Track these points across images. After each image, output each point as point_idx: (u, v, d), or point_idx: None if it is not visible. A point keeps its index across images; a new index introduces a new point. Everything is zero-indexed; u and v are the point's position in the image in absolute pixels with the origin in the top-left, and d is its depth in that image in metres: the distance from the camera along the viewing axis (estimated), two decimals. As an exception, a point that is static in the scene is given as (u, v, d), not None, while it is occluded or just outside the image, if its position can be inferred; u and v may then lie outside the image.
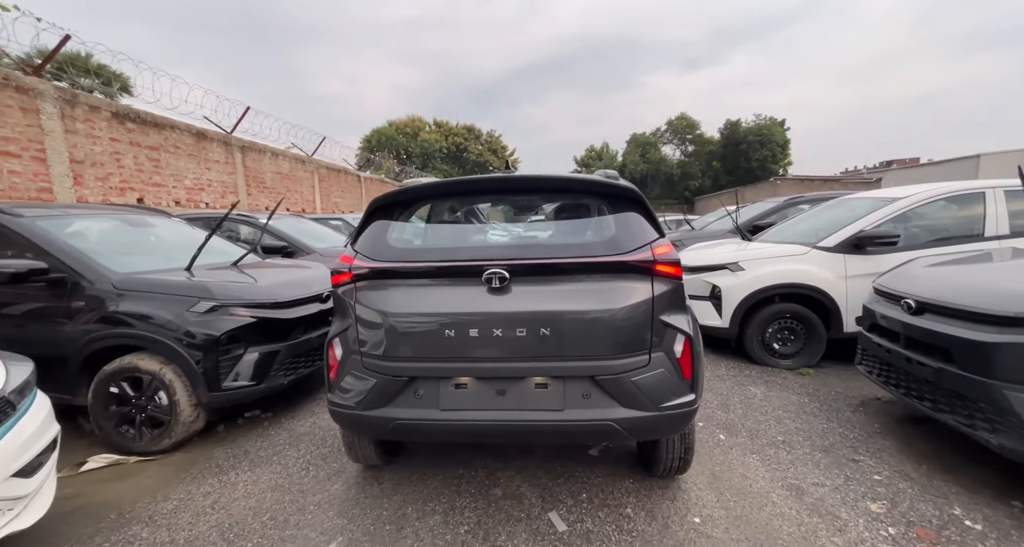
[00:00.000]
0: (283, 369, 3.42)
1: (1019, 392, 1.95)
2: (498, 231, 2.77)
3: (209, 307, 3.13)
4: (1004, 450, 2.03)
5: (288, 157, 12.16)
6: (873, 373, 2.91)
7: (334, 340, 2.22)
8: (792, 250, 4.39)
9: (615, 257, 2.02)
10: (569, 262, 2.04)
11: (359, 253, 2.22)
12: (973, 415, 2.14)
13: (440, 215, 2.79)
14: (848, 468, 2.51)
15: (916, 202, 4.05)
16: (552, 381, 2.03)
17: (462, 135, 48.55)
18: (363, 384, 2.13)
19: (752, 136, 45.09)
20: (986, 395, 2.05)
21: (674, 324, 2.03)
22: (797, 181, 29.84)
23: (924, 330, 2.38)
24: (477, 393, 2.08)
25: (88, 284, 3.11)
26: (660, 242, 2.10)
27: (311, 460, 2.87)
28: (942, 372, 2.25)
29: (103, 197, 6.93)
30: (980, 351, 2.07)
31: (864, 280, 3.98)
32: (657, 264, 2.01)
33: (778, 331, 4.33)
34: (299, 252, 6.12)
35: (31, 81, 5.94)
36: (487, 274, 2.01)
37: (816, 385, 3.80)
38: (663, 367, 2.00)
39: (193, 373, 3.02)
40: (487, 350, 2.02)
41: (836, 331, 4.13)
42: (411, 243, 2.35)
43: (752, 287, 4.29)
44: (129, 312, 3.06)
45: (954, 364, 2.21)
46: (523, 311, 1.99)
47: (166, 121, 8.15)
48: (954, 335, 2.19)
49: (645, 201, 2.20)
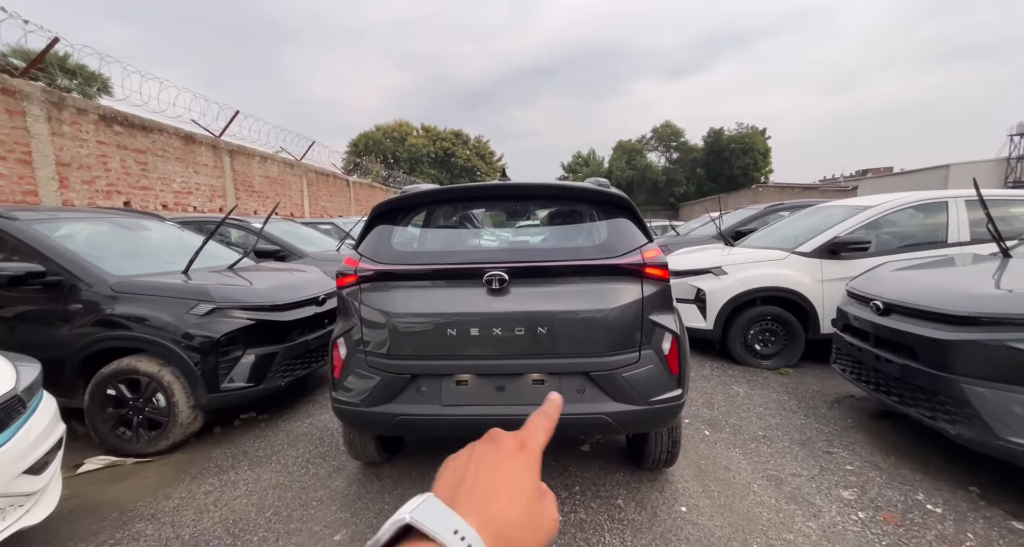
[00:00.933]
0: (280, 371, 3.47)
1: (974, 386, 2.13)
2: (496, 235, 2.89)
3: (208, 309, 3.18)
4: (961, 439, 2.21)
5: (277, 161, 12.12)
6: (846, 371, 3.10)
7: (339, 340, 2.31)
8: (772, 255, 4.60)
9: (607, 260, 2.16)
10: (564, 265, 2.17)
11: (363, 256, 2.32)
12: (935, 408, 2.32)
13: (438, 220, 2.90)
14: (823, 460, 2.68)
15: (886, 210, 4.30)
16: (548, 377, 2.16)
17: (450, 140, 48.62)
18: (367, 382, 2.22)
19: (735, 144, 46.16)
20: (946, 389, 2.24)
21: (662, 323, 2.17)
22: (778, 188, 30.63)
23: (891, 329, 2.57)
24: (477, 389, 2.18)
25: (86, 287, 3.14)
26: (649, 246, 2.24)
27: (310, 459, 2.94)
28: (907, 368, 2.44)
29: (89, 200, 6.86)
30: (940, 348, 2.25)
31: (839, 284, 4.19)
32: (646, 267, 2.15)
33: (759, 333, 4.52)
34: (291, 256, 6.15)
35: (18, 83, 5.89)
36: (487, 276, 2.13)
37: (795, 384, 3.98)
38: (652, 363, 2.14)
39: (192, 374, 3.06)
40: (487, 348, 2.14)
41: (814, 332, 4.34)
42: (413, 246, 2.46)
43: (735, 290, 4.48)
44: (128, 315, 3.10)
45: (917, 361, 2.39)
46: (521, 311, 2.11)
47: (154, 124, 8.10)
48: (917, 334, 2.38)
49: (635, 208, 2.35)
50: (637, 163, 49.89)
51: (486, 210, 3.89)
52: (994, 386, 2.05)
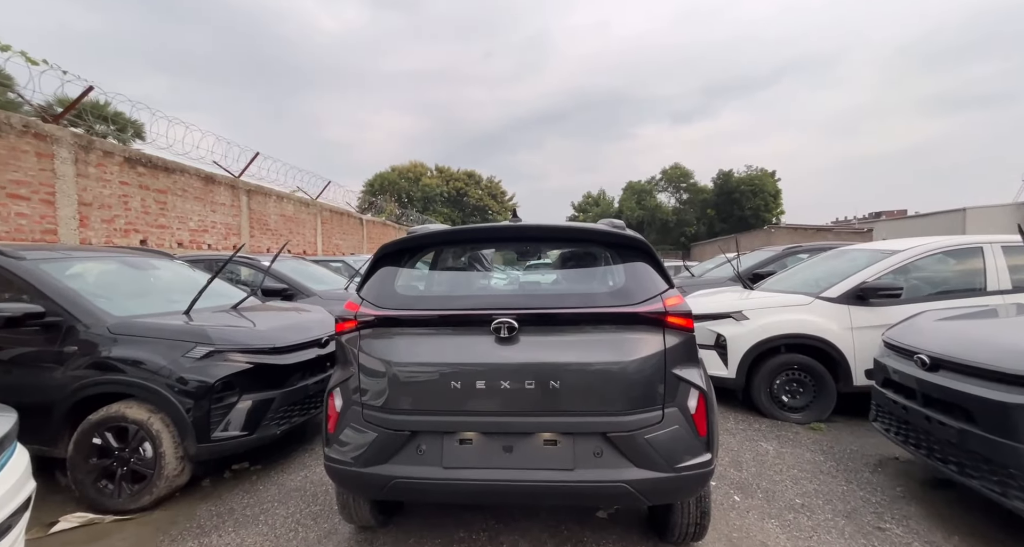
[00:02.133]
0: (277, 418, 3.28)
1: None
2: (506, 279, 2.77)
3: (205, 352, 3.05)
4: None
5: (292, 200, 12.40)
6: (891, 431, 2.81)
7: (335, 390, 2.15)
8: (796, 300, 4.38)
9: (626, 308, 2.00)
10: (578, 312, 2.02)
11: (365, 300, 2.19)
12: (1005, 482, 2.03)
13: (446, 261, 2.79)
14: (875, 538, 2.35)
15: (916, 255, 4.10)
16: (562, 437, 1.95)
17: (463, 180, 49.92)
18: (362, 438, 2.03)
19: (744, 186, 46.60)
20: (1016, 460, 1.96)
21: (687, 378, 1.97)
22: (791, 230, 30.51)
23: (941, 388, 2.32)
24: (483, 449, 1.98)
25: (83, 328, 3.04)
26: (670, 293, 2.08)
27: (300, 520, 2.69)
28: (966, 434, 2.17)
29: (107, 239, 6.97)
30: (1005, 413, 2.00)
31: (871, 332, 3.95)
32: (668, 315, 1.98)
33: (786, 383, 4.23)
34: (299, 295, 6.08)
35: (50, 128, 6.15)
36: (495, 323, 1.98)
37: (829, 441, 3.65)
38: (677, 423, 1.93)
39: (183, 422, 2.88)
40: (494, 403, 1.95)
41: (846, 384, 4.04)
42: (417, 290, 2.34)
43: (757, 337, 4.24)
44: (122, 357, 2.97)
45: (977, 425, 2.13)
46: (532, 362, 1.94)
47: (176, 165, 8.37)
48: (975, 394, 2.13)
49: (653, 251, 2.21)
50: (647, 203, 50.43)
51: (496, 250, 3.80)
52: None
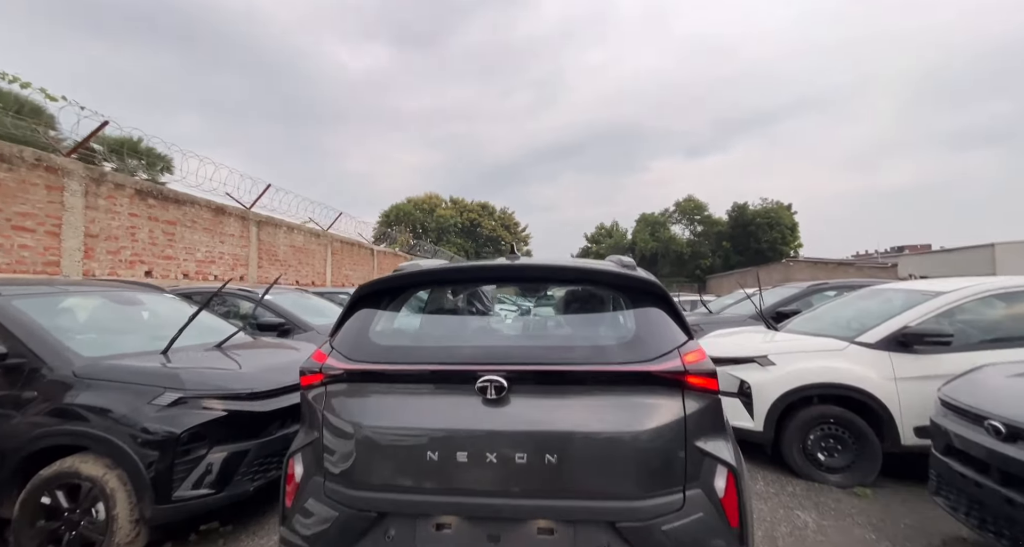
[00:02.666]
0: (251, 472, 2.95)
1: None
2: (499, 324, 2.47)
3: (174, 399, 2.77)
4: None
5: (303, 231, 12.43)
6: (959, 510, 2.35)
7: (295, 455, 1.84)
8: (828, 344, 3.97)
9: (637, 366, 1.68)
10: (581, 370, 1.70)
11: (335, 350, 1.92)
12: None
13: (436, 302, 2.52)
14: None
15: (964, 297, 3.69)
16: (560, 526, 1.59)
17: (476, 211, 50.56)
18: (322, 517, 1.71)
19: (760, 218, 46.11)
20: None
21: (713, 452, 1.62)
22: (810, 263, 29.78)
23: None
24: (463, 538, 1.63)
25: (48, 371, 2.81)
26: (689, 346, 1.76)
27: (261, 603, 2.32)
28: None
29: (111, 270, 6.91)
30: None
31: (918, 383, 3.51)
32: (688, 375, 1.66)
33: (822, 438, 3.76)
34: (296, 329, 5.85)
35: (62, 162, 6.21)
36: (481, 382, 1.67)
37: (878, 513, 3.16)
38: (702, 510, 1.57)
39: (140, 480, 2.57)
40: (478, 480, 1.62)
41: (891, 443, 3.56)
42: (395, 339, 2.05)
43: (787, 385, 3.81)
44: (85, 404, 2.72)
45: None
46: (524, 430, 1.62)
47: (187, 197, 8.43)
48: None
49: (669, 296, 1.91)
50: (661, 235, 50.12)
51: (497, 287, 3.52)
52: None
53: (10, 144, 5.67)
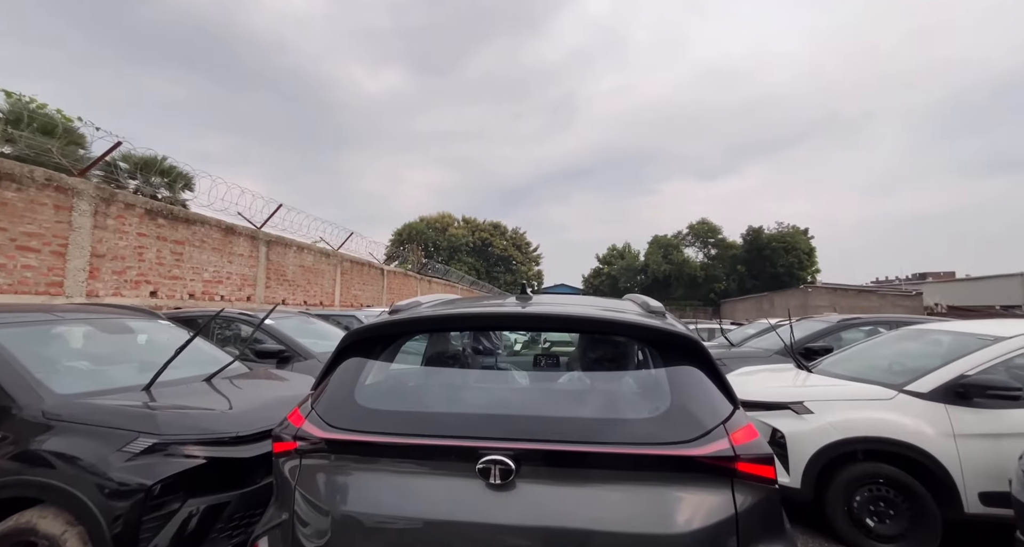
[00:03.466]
0: (228, 528, 2.64)
1: None
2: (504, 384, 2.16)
3: (148, 445, 2.51)
4: None
5: (313, 251, 12.35)
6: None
7: (260, 540, 1.55)
8: (873, 391, 3.57)
9: (674, 449, 1.37)
10: (605, 452, 1.39)
11: (314, 411, 1.64)
12: None
13: (439, 345, 2.24)
14: None
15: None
16: None
17: (488, 231, 50.72)
18: (288, 623, 1.40)
19: (776, 243, 45.36)
20: None
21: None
22: (829, 290, 28.95)
23: None
24: None
25: (18, 410, 2.58)
26: (737, 420, 1.45)
27: None
28: None
29: (115, 291, 6.80)
30: None
31: (982, 442, 3.10)
32: (740, 462, 1.34)
33: (870, 500, 3.33)
34: (296, 357, 5.62)
35: (72, 181, 6.18)
36: (483, 462, 1.37)
37: (943, 596, 2.72)
38: None
39: (101, 539, 2.29)
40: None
41: (953, 509, 3.12)
42: (384, 401, 1.77)
43: (827, 438, 3.41)
44: (50, 450, 2.46)
45: None
46: (535, 526, 1.31)
47: (197, 217, 8.38)
48: None
49: (708, 353, 1.60)
50: (674, 258, 49.53)
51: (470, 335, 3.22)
52: None
53: (20, 164, 5.64)
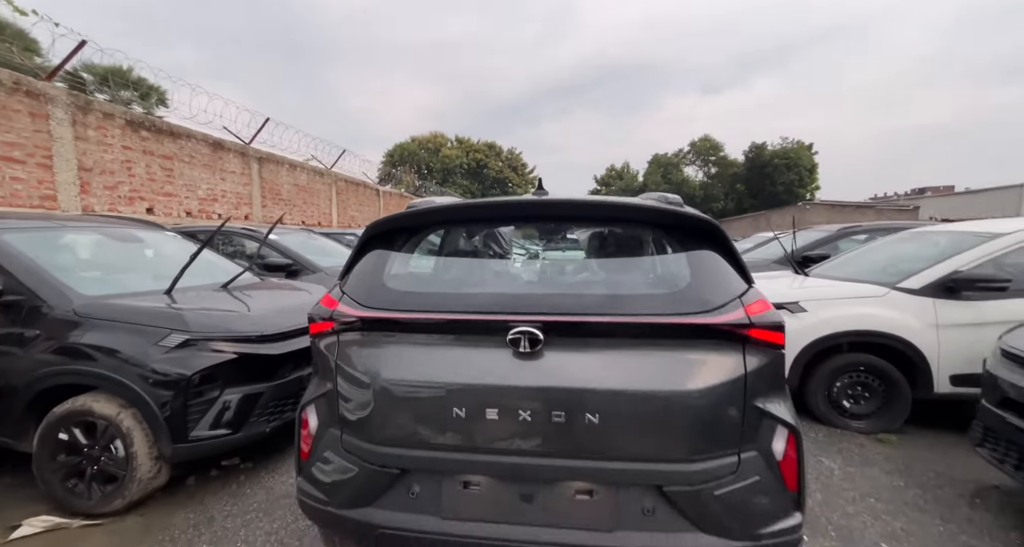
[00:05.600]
0: (266, 414, 2.91)
1: None
2: (528, 268, 2.23)
3: (181, 341, 2.65)
4: None
5: (306, 169, 11.96)
6: (1007, 463, 2.24)
7: (309, 407, 1.71)
8: (866, 290, 3.74)
9: (695, 318, 1.46)
10: (629, 322, 1.49)
11: (346, 295, 1.71)
12: None
13: (453, 244, 2.28)
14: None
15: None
16: (600, 488, 1.46)
17: (483, 152, 48.78)
18: (341, 471, 1.60)
19: (778, 159, 44.13)
20: None
21: (774, 413, 1.45)
22: (828, 206, 28.80)
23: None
24: (493, 497, 1.51)
25: (48, 309, 2.68)
26: (752, 295, 1.54)
27: (283, 539, 2.34)
28: None
29: (110, 206, 6.67)
30: None
31: (961, 331, 3.32)
32: (753, 328, 1.44)
33: (849, 386, 3.65)
34: (304, 271, 5.70)
35: (43, 86, 5.75)
36: (513, 333, 1.47)
37: (904, 459, 3.10)
38: (759, 474, 1.43)
39: (155, 420, 2.52)
40: (509, 439, 1.47)
41: (924, 390, 3.44)
42: (414, 284, 1.84)
43: (818, 332, 3.64)
44: (89, 344, 2.61)
45: None
46: (562, 387, 1.44)
47: (183, 130, 7.96)
48: None
49: (727, 237, 1.65)
50: (673, 177, 48.48)
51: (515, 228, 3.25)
52: None
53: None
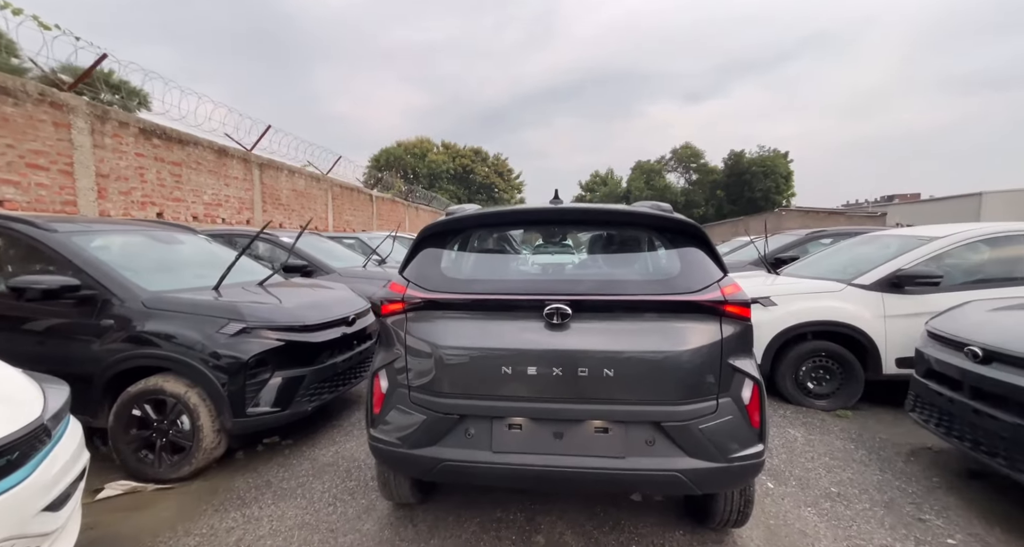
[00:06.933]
0: (308, 395, 3.31)
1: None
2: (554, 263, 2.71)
3: (239, 329, 3.05)
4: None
5: (304, 175, 12.27)
6: (931, 422, 2.79)
7: (380, 371, 2.13)
8: (826, 286, 4.31)
9: (683, 296, 1.95)
10: (635, 300, 1.97)
11: (411, 282, 2.15)
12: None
13: (484, 244, 2.73)
14: (916, 529, 2.36)
15: (956, 242, 4.00)
16: (613, 426, 1.93)
17: (469, 157, 49.21)
18: (410, 420, 2.03)
19: (756, 167, 45.69)
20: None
21: (742, 368, 1.94)
22: (802, 213, 29.99)
23: (995, 381, 2.28)
24: (532, 435, 1.97)
25: (119, 302, 3.04)
26: (727, 281, 2.03)
27: (338, 494, 2.73)
28: (1021, 429, 2.14)
29: (124, 211, 6.94)
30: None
31: (905, 320, 3.90)
32: (727, 304, 1.94)
33: (812, 370, 4.21)
34: (318, 271, 6.06)
35: (66, 97, 6.03)
36: (548, 309, 1.94)
37: (857, 429, 3.65)
38: (731, 414, 1.91)
39: (219, 397, 2.91)
40: (544, 390, 1.93)
41: (874, 372, 4.01)
42: (464, 273, 2.29)
43: (786, 323, 4.19)
44: (158, 332, 2.98)
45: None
46: (585, 349, 1.91)
47: (190, 137, 8.25)
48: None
49: (707, 236, 2.16)
50: (656, 183, 49.72)
51: (524, 231, 3.72)
52: None
53: (12, 76, 5.48)
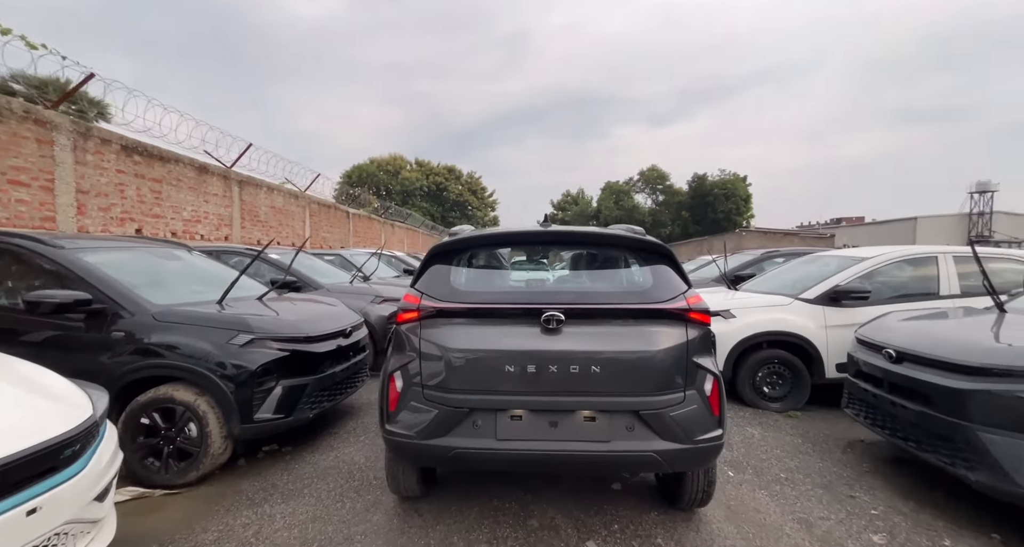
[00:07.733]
0: (309, 402, 3.50)
1: (991, 433, 2.31)
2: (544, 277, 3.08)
3: (247, 340, 3.24)
4: (981, 486, 2.36)
5: (282, 192, 12.32)
6: (860, 416, 3.27)
7: (395, 373, 2.42)
8: (777, 300, 4.85)
9: (656, 304, 2.35)
10: (617, 308, 2.35)
11: (424, 293, 2.47)
12: (954, 455, 2.48)
13: (482, 260, 3.08)
14: (848, 504, 2.80)
15: (881, 262, 4.63)
16: (600, 414, 2.28)
17: (443, 175, 49.70)
18: (424, 415, 2.32)
19: (718, 189, 48.21)
20: (963, 436, 2.41)
21: (705, 365, 2.34)
22: (760, 233, 31.84)
23: (905, 377, 2.78)
24: (531, 424, 2.29)
25: (129, 315, 3.19)
26: (691, 292, 2.45)
27: (343, 493, 2.94)
28: (924, 415, 2.62)
29: (103, 227, 6.91)
30: (956, 397, 2.45)
31: (842, 330, 4.45)
32: (691, 312, 2.34)
33: (767, 375, 4.70)
34: (306, 287, 6.22)
35: (50, 114, 6.07)
36: (546, 316, 2.29)
37: (805, 427, 4.13)
38: (696, 403, 2.29)
39: (228, 404, 3.08)
40: (542, 385, 2.27)
41: (819, 377, 4.54)
42: (472, 286, 2.62)
43: (744, 333, 4.69)
44: (169, 343, 3.14)
45: (934, 408, 2.58)
46: (576, 350, 2.27)
47: (171, 155, 8.29)
48: (932, 382, 2.58)
49: (674, 255, 2.58)
50: (625, 204, 51.53)
51: (512, 250, 4.10)
52: (1011, 434, 2.23)
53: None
